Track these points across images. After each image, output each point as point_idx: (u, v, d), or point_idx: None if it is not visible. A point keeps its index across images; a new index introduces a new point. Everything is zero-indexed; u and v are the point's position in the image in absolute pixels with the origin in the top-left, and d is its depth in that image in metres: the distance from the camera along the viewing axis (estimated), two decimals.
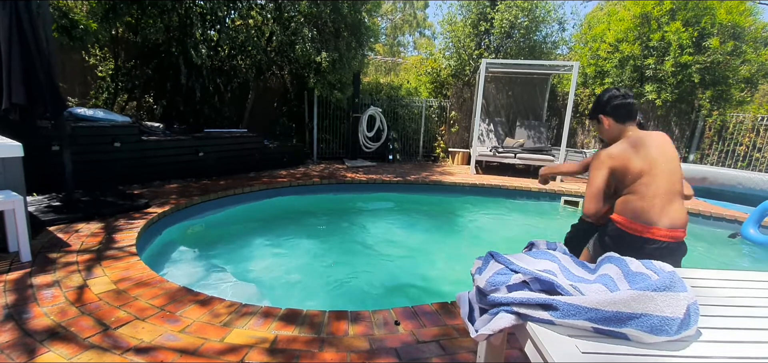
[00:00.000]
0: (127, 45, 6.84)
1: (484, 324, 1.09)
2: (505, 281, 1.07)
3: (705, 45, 7.45)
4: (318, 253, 4.33)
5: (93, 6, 5.70)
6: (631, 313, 0.92)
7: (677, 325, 0.92)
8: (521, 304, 1.03)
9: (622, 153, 1.95)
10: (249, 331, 2.08)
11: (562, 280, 1.04)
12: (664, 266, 1.09)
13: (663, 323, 0.92)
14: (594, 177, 1.99)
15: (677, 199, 1.88)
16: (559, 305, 0.97)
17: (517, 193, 6.83)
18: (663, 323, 0.92)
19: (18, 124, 3.81)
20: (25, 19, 3.34)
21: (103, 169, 4.87)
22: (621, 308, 0.93)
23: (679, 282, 0.98)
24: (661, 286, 0.95)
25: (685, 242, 1.90)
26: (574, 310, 0.96)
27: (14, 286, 2.42)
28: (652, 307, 0.92)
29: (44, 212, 3.64)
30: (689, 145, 7.90)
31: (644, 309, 0.92)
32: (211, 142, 6.10)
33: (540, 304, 1.00)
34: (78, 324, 2.06)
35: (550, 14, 10.59)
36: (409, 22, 24.65)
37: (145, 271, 2.73)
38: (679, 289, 0.96)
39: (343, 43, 7.68)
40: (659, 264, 1.12)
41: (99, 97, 6.75)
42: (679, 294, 0.95)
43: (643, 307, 0.92)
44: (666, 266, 1.09)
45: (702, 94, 7.50)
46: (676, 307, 0.93)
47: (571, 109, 7.63)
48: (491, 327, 1.05)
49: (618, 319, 0.93)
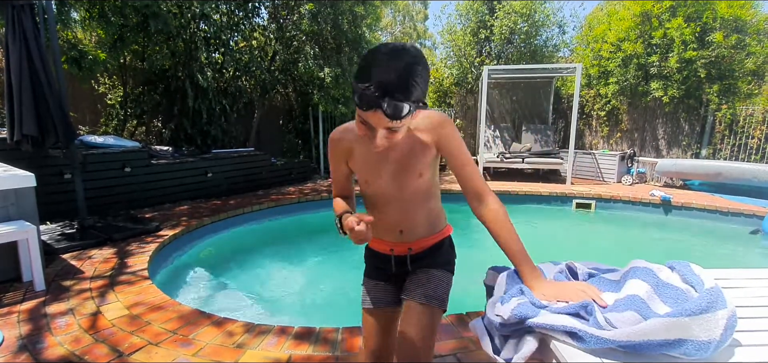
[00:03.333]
0: (135, 72, 6.97)
1: (512, 351, 1.05)
2: (532, 315, 1.02)
3: (708, 40, 7.39)
4: (329, 269, 4.30)
5: (102, 36, 5.82)
6: (664, 340, 0.87)
7: (713, 348, 0.87)
8: (546, 329, 0.99)
9: None
10: (263, 351, 2.06)
11: (598, 318, 0.97)
12: (704, 277, 1.00)
13: (698, 348, 0.86)
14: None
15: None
16: (585, 336, 0.92)
17: (527, 198, 6.77)
18: (698, 348, 0.86)
19: (30, 154, 3.87)
20: (35, 53, 3.42)
21: (115, 195, 4.92)
22: (652, 338, 0.87)
23: (720, 299, 0.91)
24: (698, 310, 0.88)
25: None
26: (601, 342, 0.91)
27: (28, 315, 2.42)
28: (686, 334, 0.86)
29: (58, 240, 3.67)
30: (700, 141, 7.79)
31: (678, 335, 0.86)
32: (218, 163, 6.15)
33: (566, 331, 0.96)
34: (92, 352, 2.05)
35: (550, 18, 10.62)
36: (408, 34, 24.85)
37: (157, 294, 2.73)
38: (718, 307, 0.89)
39: (345, 58, 7.75)
40: (700, 273, 1.03)
41: (109, 124, 6.85)
42: (717, 313, 0.88)
43: (676, 333, 0.86)
44: (707, 278, 1.00)
45: (709, 89, 7.42)
46: (713, 330, 0.87)
47: (576, 111, 7.59)
48: (523, 355, 1.01)
49: (648, 346, 0.88)
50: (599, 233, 5.98)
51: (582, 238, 5.78)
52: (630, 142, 8.88)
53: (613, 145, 9.23)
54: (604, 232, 6.00)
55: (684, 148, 8.02)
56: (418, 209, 1.31)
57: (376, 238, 1.38)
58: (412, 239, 1.34)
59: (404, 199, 1.29)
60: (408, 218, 1.31)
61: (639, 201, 6.37)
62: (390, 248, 1.36)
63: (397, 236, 1.34)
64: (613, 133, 9.19)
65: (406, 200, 1.29)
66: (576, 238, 5.81)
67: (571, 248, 5.29)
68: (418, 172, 1.25)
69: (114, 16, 5.59)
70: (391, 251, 1.36)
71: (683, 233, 5.70)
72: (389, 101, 0.93)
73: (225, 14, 7.00)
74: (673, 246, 5.30)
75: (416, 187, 1.27)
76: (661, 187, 7.55)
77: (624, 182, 7.92)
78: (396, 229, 1.33)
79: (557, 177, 8.56)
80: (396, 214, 1.31)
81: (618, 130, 9.08)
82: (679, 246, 5.31)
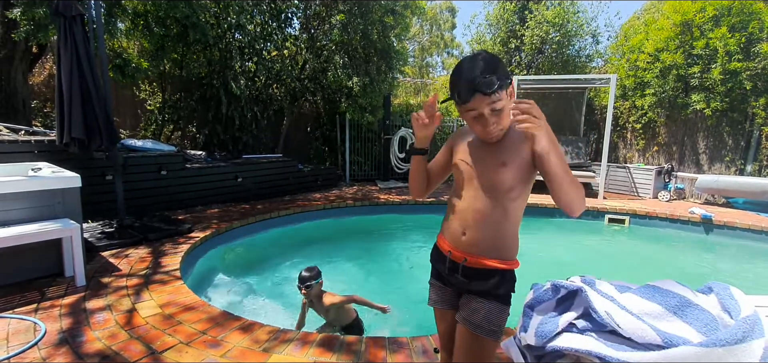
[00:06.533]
0: (173, 79, 7.30)
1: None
2: (553, 329, 1.01)
3: (754, 51, 7.00)
4: (354, 277, 4.33)
5: (145, 46, 6.14)
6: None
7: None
8: (575, 352, 0.96)
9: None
10: (287, 356, 2.09)
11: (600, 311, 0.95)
12: (743, 304, 0.94)
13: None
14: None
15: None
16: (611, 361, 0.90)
17: (557, 212, 6.58)
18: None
19: (76, 155, 4.11)
20: (84, 61, 3.64)
21: (151, 196, 5.15)
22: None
23: (757, 327, 0.86)
24: (733, 340, 0.83)
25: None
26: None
27: (70, 310, 2.56)
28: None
29: (98, 238, 3.87)
30: (745, 157, 7.35)
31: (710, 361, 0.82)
32: (248, 168, 6.32)
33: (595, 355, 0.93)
34: (127, 348, 2.14)
35: (583, 28, 10.35)
36: (436, 43, 24.84)
37: (189, 295, 2.82)
38: (755, 336, 0.84)
39: (374, 68, 7.83)
40: (740, 298, 0.97)
41: (148, 129, 7.20)
42: (753, 343, 0.83)
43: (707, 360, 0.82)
44: (747, 304, 0.94)
45: (755, 102, 7.01)
46: (748, 358, 0.82)
47: (610, 123, 7.34)
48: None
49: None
50: (633, 250, 5.73)
51: (614, 255, 5.55)
52: (667, 156, 8.49)
53: (649, 159, 8.85)
54: (638, 249, 5.75)
55: (727, 164, 7.59)
56: (489, 220, 1.27)
57: (442, 235, 1.41)
58: (472, 251, 1.29)
59: (484, 199, 1.27)
60: (476, 224, 1.28)
61: (677, 218, 6.07)
62: (448, 250, 1.35)
63: (458, 239, 1.32)
64: (650, 147, 8.82)
65: (485, 202, 1.26)
66: (608, 254, 5.58)
67: (603, 265, 5.09)
68: (510, 180, 1.23)
69: (157, 27, 5.89)
70: (448, 253, 1.35)
71: (724, 254, 5.38)
72: (480, 80, 1.11)
73: (259, 25, 7.23)
74: (713, 268, 5.01)
75: (501, 194, 1.25)
76: (701, 204, 7.16)
77: (660, 198, 7.57)
78: (461, 230, 1.31)
79: (588, 191, 8.27)
80: (469, 213, 1.29)
81: (655, 144, 8.70)
82: (720, 268, 5.01)
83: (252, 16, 7.06)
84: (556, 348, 1.00)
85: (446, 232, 1.38)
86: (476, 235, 1.28)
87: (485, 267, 1.27)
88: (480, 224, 1.27)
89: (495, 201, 1.25)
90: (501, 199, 1.25)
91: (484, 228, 1.27)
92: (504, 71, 1.15)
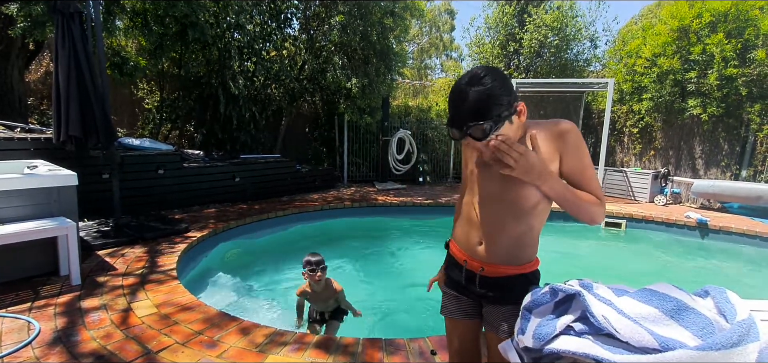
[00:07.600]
0: (172, 78, 7.28)
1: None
2: (551, 332, 1.01)
3: (750, 57, 7.06)
4: (351, 278, 4.32)
5: (143, 44, 6.12)
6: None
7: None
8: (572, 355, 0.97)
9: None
10: (284, 358, 2.08)
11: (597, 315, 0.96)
12: (739, 307, 0.96)
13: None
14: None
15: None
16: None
17: (553, 214, 6.57)
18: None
19: (73, 154, 4.09)
20: (82, 59, 3.62)
21: (148, 195, 5.13)
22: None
23: (752, 331, 0.87)
24: (728, 344, 0.84)
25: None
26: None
27: (64, 309, 2.54)
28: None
29: (94, 237, 3.85)
30: (740, 162, 7.40)
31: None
32: (246, 168, 6.31)
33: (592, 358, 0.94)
34: (123, 348, 2.13)
35: (581, 32, 10.40)
36: (435, 45, 24.90)
37: (185, 295, 2.81)
38: (750, 339, 0.85)
39: (373, 69, 7.83)
40: (736, 302, 0.98)
41: (146, 128, 7.18)
42: (748, 347, 0.84)
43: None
44: (743, 308, 0.95)
45: (750, 108, 7.06)
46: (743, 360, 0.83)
47: (607, 127, 7.38)
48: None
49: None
50: (629, 254, 5.75)
51: (611, 259, 5.57)
52: (664, 160, 8.54)
53: (645, 163, 8.89)
54: (634, 253, 5.77)
55: (723, 169, 7.64)
56: (508, 226, 1.20)
57: (455, 242, 1.36)
58: (488, 260, 1.24)
59: (502, 203, 1.19)
60: (494, 230, 1.22)
61: (673, 222, 6.10)
62: (464, 259, 1.30)
63: (474, 248, 1.27)
64: (647, 151, 8.86)
65: (508, 218, 1.19)
66: (604, 258, 5.60)
67: (599, 268, 5.11)
68: (535, 195, 1.17)
69: (155, 26, 5.87)
70: (464, 263, 1.30)
71: (720, 259, 5.40)
72: (469, 127, 1.03)
73: (258, 25, 7.23)
74: (709, 272, 5.03)
75: (521, 197, 1.17)
76: (697, 208, 7.20)
77: (657, 202, 7.61)
78: (477, 238, 1.26)
79: None
80: (489, 227, 1.23)
81: (651, 148, 8.75)
82: (715, 272, 5.03)
83: (251, 16, 7.06)
84: (554, 350, 1.00)
85: (461, 240, 1.32)
86: (495, 248, 1.22)
87: (504, 275, 1.23)
88: (501, 237, 1.21)
89: (518, 219, 1.18)
90: (525, 217, 1.18)
91: (507, 242, 1.21)
92: (499, 102, 1.03)
